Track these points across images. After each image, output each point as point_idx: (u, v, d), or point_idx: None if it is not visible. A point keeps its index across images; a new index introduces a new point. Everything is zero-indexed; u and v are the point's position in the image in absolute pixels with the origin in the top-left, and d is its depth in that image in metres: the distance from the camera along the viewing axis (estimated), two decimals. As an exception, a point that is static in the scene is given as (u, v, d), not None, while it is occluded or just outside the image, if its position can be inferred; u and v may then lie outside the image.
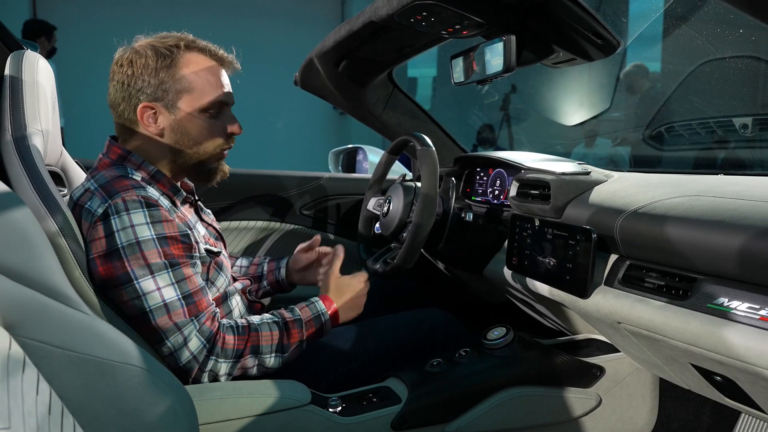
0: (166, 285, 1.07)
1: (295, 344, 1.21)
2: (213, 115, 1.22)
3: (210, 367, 1.11)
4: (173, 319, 1.07)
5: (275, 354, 1.18)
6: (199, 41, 1.21)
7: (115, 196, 1.08)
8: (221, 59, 1.23)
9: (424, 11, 1.11)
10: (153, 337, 1.07)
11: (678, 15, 4.03)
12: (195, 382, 1.11)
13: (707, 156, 3.22)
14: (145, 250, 1.06)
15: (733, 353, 0.86)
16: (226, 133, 1.25)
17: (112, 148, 1.21)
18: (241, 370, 1.15)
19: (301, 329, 1.21)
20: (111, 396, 0.74)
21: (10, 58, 1.18)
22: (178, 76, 1.16)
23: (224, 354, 1.12)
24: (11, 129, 1.08)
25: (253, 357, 1.15)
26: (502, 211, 1.61)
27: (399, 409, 1.17)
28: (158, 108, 1.17)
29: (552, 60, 1.29)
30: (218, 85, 1.21)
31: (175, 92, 1.17)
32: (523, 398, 1.28)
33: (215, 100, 1.20)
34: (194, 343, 1.09)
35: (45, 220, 0.94)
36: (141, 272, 1.05)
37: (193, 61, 1.18)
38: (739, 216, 0.90)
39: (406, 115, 1.92)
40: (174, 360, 1.08)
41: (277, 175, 2.10)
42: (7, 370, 0.58)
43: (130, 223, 1.06)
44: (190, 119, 1.19)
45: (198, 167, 1.26)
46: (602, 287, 1.13)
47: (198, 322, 1.10)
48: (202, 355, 1.09)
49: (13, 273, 0.71)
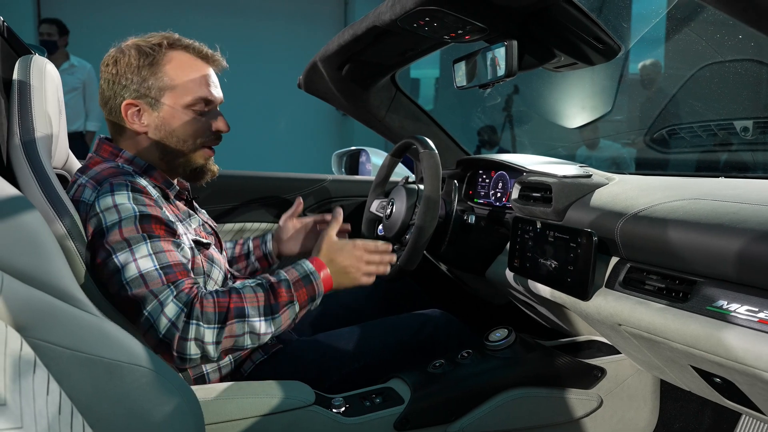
0: (143, 256, 1.04)
1: (285, 305, 1.11)
2: (198, 112, 1.23)
3: (192, 333, 1.01)
4: (149, 287, 1.02)
5: (264, 317, 1.08)
6: (184, 39, 1.23)
7: (104, 182, 1.10)
8: (206, 57, 1.25)
9: (427, 16, 1.13)
10: (132, 311, 1.03)
11: (679, 18, 4.04)
12: (180, 354, 1.01)
13: (708, 159, 3.22)
14: (124, 226, 1.05)
15: (732, 355, 0.87)
16: (212, 130, 1.26)
17: (103, 146, 1.23)
18: (230, 339, 1.05)
19: (288, 289, 1.12)
20: (119, 396, 0.76)
21: (19, 63, 1.19)
22: (161, 73, 1.18)
23: (206, 318, 1.03)
24: (20, 133, 1.10)
25: (240, 321, 1.05)
26: (504, 214, 1.62)
27: (402, 410, 1.19)
28: (142, 105, 1.19)
29: (553, 64, 1.30)
30: (201, 82, 1.22)
31: (157, 89, 1.19)
32: (525, 399, 1.29)
33: (198, 97, 1.21)
34: (171, 308, 1.01)
35: (53, 223, 0.95)
36: (119, 246, 1.04)
37: (175, 59, 1.20)
38: (738, 219, 0.91)
39: (409, 117, 1.93)
40: (154, 332, 1.01)
41: (280, 177, 2.11)
42: (19, 371, 0.60)
43: (113, 203, 1.06)
44: (173, 116, 1.21)
45: (185, 165, 1.26)
46: (603, 289, 1.14)
47: (176, 288, 1.03)
48: (181, 320, 1.01)
49: (23, 275, 0.72)
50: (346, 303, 1.70)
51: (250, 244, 1.61)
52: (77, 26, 6.47)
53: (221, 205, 1.98)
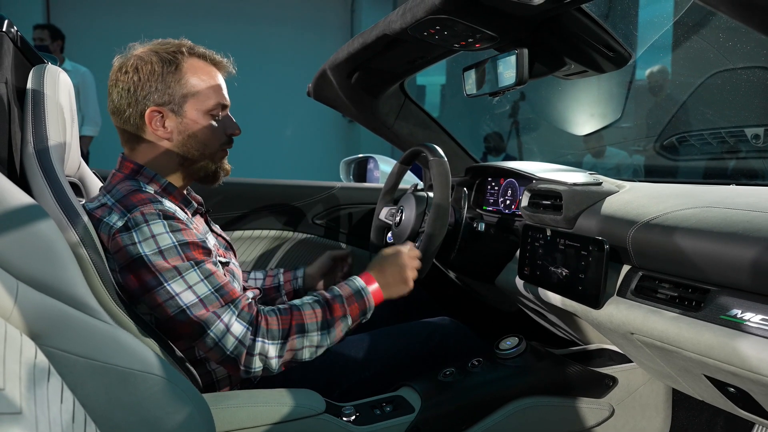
0: (196, 282, 1.09)
1: (340, 319, 1.18)
2: (215, 117, 1.26)
3: (258, 350, 1.09)
4: (211, 309, 1.08)
5: (321, 331, 1.15)
6: (198, 47, 1.26)
7: (133, 210, 1.10)
8: (218, 64, 1.28)
9: (437, 25, 1.13)
10: (194, 333, 1.08)
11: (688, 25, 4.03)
12: (246, 368, 1.09)
13: (719, 166, 3.21)
14: (168, 256, 1.08)
15: (746, 365, 0.86)
16: (227, 134, 1.30)
17: (125, 163, 1.24)
18: (291, 353, 1.13)
19: (342, 304, 1.19)
20: (132, 404, 0.76)
21: (32, 72, 1.20)
22: (183, 80, 1.21)
23: (270, 335, 1.11)
24: (33, 141, 1.11)
25: (300, 336, 1.13)
26: (514, 221, 1.61)
27: (412, 419, 1.18)
28: (165, 112, 1.21)
29: (564, 72, 1.30)
30: (218, 88, 1.26)
31: (180, 96, 1.21)
32: (536, 408, 1.29)
33: (217, 102, 1.25)
34: (237, 327, 1.09)
35: (66, 231, 0.96)
36: (169, 275, 1.08)
37: (195, 66, 1.23)
38: (752, 228, 0.91)
39: (418, 125, 1.94)
40: (220, 350, 1.08)
41: (289, 184, 2.12)
42: (34, 379, 0.60)
43: (150, 233, 1.09)
44: (195, 122, 1.23)
45: (204, 168, 1.29)
46: (615, 298, 1.13)
47: (236, 308, 1.10)
48: (247, 338, 1.09)
49: (38, 284, 0.73)
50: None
51: (280, 277, 1.63)
52: (86, 32, 6.55)
53: (231, 212, 1.99)
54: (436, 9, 1.05)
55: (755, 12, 0.57)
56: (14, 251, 0.71)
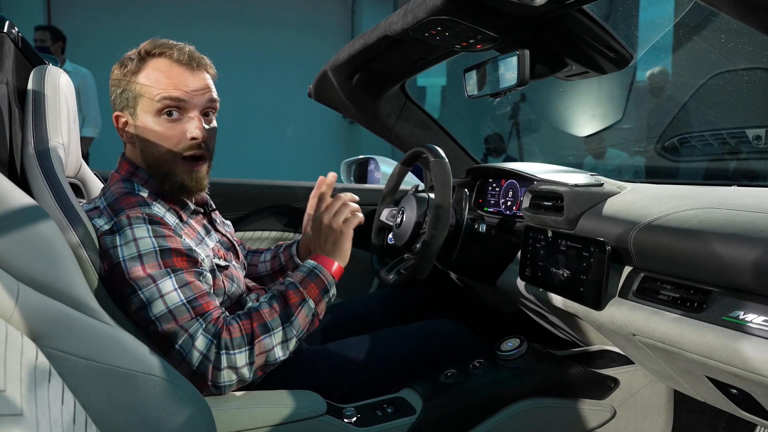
0: (169, 291, 1.05)
1: (299, 305, 1.14)
2: (170, 120, 1.17)
3: (225, 363, 1.05)
4: (179, 322, 1.05)
5: (284, 324, 1.12)
6: (165, 46, 1.18)
7: (120, 213, 1.09)
8: (184, 62, 1.18)
9: (438, 26, 1.13)
10: (164, 345, 1.05)
11: (689, 26, 4.03)
12: (214, 383, 1.05)
13: (720, 167, 3.21)
14: (146, 262, 1.05)
15: (749, 366, 0.86)
16: (186, 138, 1.18)
17: (123, 163, 1.23)
18: (262, 355, 1.09)
19: (297, 289, 1.16)
20: (133, 406, 0.76)
21: (33, 73, 1.20)
22: (135, 82, 1.17)
23: (235, 344, 1.06)
24: (34, 142, 1.11)
25: (267, 336, 1.09)
26: (515, 222, 1.61)
27: (414, 420, 1.18)
28: (126, 116, 1.20)
29: (565, 73, 1.30)
30: (172, 85, 1.16)
31: (133, 98, 1.18)
32: (538, 410, 1.28)
33: (166, 99, 1.15)
34: (200, 341, 1.04)
35: (67, 232, 0.96)
36: (143, 282, 1.05)
37: (151, 66, 1.17)
38: (754, 229, 0.91)
39: (419, 126, 1.94)
40: (187, 366, 1.04)
41: (290, 185, 2.12)
42: (35, 381, 0.60)
43: (132, 236, 1.07)
44: (146, 123, 1.17)
45: (168, 178, 1.21)
46: (616, 299, 1.13)
47: (204, 321, 1.06)
48: (212, 352, 1.04)
49: (39, 285, 0.73)
50: (355, 312, 1.70)
51: (281, 258, 1.61)
52: (87, 33, 6.55)
53: (231, 213, 1.99)
54: (438, 10, 1.05)
55: (757, 12, 0.57)
56: (15, 252, 0.71)
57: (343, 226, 1.26)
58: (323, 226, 1.26)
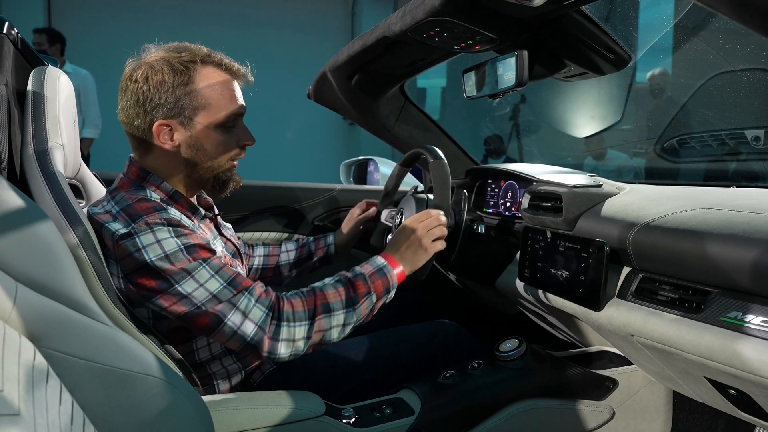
0: (207, 279, 1.07)
1: (364, 296, 1.18)
2: (227, 130, 1.21)
3: (283, 335, 1.09)
4: (226, 300, 1.07)
5: (347, 309, 1.16)
6: (214, 54, 1.20)
7: (138, 220, 1.08)
8: (235, 72, 1.22)
9: (437, 27, 1.13)
10: (211, 325, 1.07)
11: (688, 27, 4.04)
12: (270, 354, 1.09)
13: (719, 168, 3.21)
14: (175, 260, 1.06)
15: (747, 367, 0.86)
16: (240, 144, 1.25)
17: (132, 168, 1.21)
18: (319, 334, 1.13)
19: (365, 281, 1.19)
20: (131, 406, 0.76)
21: (33, 74, 1.20)
22: (194, 92, 1.15)
23: (297, 317, 1.11)
24: (33, 143, 1.11)
25: (327, 316, 1.13)
26: (514, 223, 1.61)
27: (412, 421, 1.18)
28: (174, 125, 1.16)
29: (563, 74, 1.30)
30: (232, 98, 1.20)
31: (191, 109, 1.16)
32: (536, 410, 1.28)
33: (230, 114, 1.19)
34: (255, 313, 1.09)
35: (66, 233, 0.96)
36: (179, 277, 1.06)
37: (208, 76, 1.17)
38: (752, 229, 0.91)
39: (418, 127, 1.94)
40: (240, 338, 1.07)
41: (290, 186, 2.12)
42: (32, 381, 0.60)
43: (155, 239, 1.06)
44: (206, 135, 1.18)
45: (212, 180, 1.25)
46: (615, 300, 1.13)
47: (251, 295, 1.10)
48: (268, 323, 1.09)
49: (37, 285, 0.73)
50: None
51: (311, 246, 1.67)
52: (87, 35, 6.56)
53: (232, 214, 1.99)
54: (436, 11, 1.05)
55: (755, 13, 0.58)
56: (13, 253, 0.71)
57: (430, 245, 1.30)
58: (413, 234, 1.29)
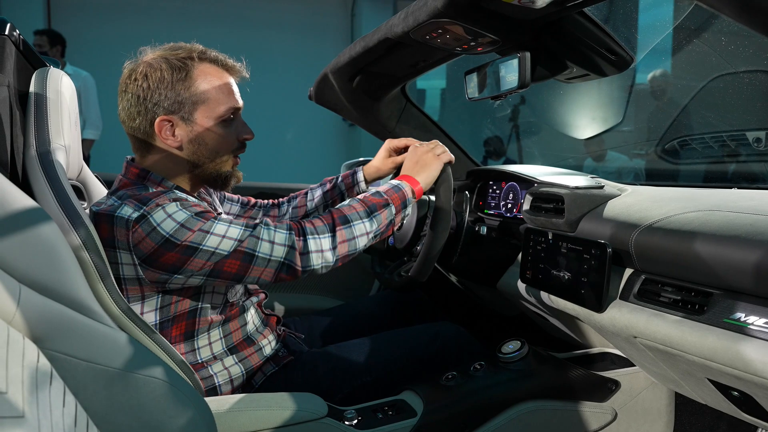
0: (226, 230, 1.12)
1: (382, 206, 1.25)
2: (227, 124, 1.23)
3: (312, 247, 1.16)
4: (249, 238, 1.12)
5: (366, 218, 1.22)
6: (209, 51, 1.23)
7: (148, 203, 1.10)
8: (230, 68, 1.25)
9: (439, 29, 1.13)
10: (243, 266, 1.12)
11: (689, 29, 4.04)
12: (305, 268, 1.15)
13: (721, 170, 3.21)
14: (191, 226, 1.09)
15: (750, 368, 0.86)
16: (240, 139, 1.27)
17: (130, 168, 1.23)
18: (344, 244, 1.19)
19: (381, 196, 1.26)
20: (134, 408, 0.76)
21: (35, 76, 1.20)
22: (193, 87, 1.18)
23: (319, 230, 1.18)
24: (35, 144, 1.11)
25: (347, 226, 1.20)
26: (516, 225, 1.61)
27: (415, 423, 1.18)
28: (175, 121, 1.18)
29: (565, 75, 1.30)
30: (230, 93, 1.23)
31: (191, 104, 1.18)
32: (539, 412, 1.28)
33: (228, 108, 1.22)
34: (279, 236, 1.15)
35: (68, 234, 0.96)
36: (199, 238, 1.09)
37: (205, 72, 1.20)
38: (755, 231, 0.91)
39: (419, 128, 1.94)
40: (275, 263, 1.14)
41: (292, 188, 2.12)
42: (36, 383, 0.60)
43: (166, 214, 1.09)
44: (206, 129, 1.21)
45: (215, 175, 1.28)
46: (617, 301, 1.13)
47: (267, 225, 1.16)
48: (294, 240, 1.15)
49: (40, 287, 0.73)
50: (356, 314, 1.70)
51: (341, 186, 1.64)
52: (87, 36, 6.56)
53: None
54: (438, 12, 1.05)
55: (758, 14, 0.57)
56: (17, 254, 0.71)
57: (438, 156, 1.38)
58: (420, 152, 1.38)
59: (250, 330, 1.33)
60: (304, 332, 1.60)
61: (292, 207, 1.67)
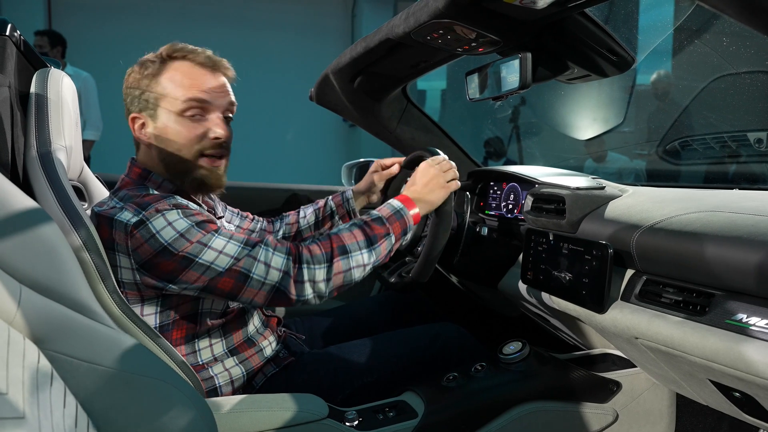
0: (224, 245, 1.10)
1: (383, 237, 1.22)
2: (193, 119, 1.20)
3: (306, 276, 1.13)
4: (246, 257, 1.10)
5: (364, 249, 1.20)
6: (186, 48, 1.21)
7: (148, 207, 1.10)
8: (207, 64, 1.22)
9: (440, 29, 1.13)
10: (237, 284, 1.10)
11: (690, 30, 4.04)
12: (298, 296, 1.13)
13: (722, 170, 3.21)
14: (190, 236, 1.08)
15: (752, 369, 0.86)
16: (209, 137, 1.22)
17: (134, 168, 1.24)
18: (339, 275, 1.16)
19: (383, 224, 1.24)
20: (134, 409, 0.75)
21: (36, 76, 1.20)
22: (157, 83, 1.20)
23: (315, 260, 1.15)
24: (36, 145, 1.11)
25: (345, 257, 1.17)
26: (517, 225, 1.61)
27: (416, 424, 1.18)
28: (144, 118, 1.21)
29: (567, 76, 1.30)
30: (192, 86, 1.19)
31: (154, 99, 1.20)
32: (540, 413, 1.28)
33: (189, 99, 1.18)
34: (277, 260, 1.12)
35: (69, 235, 0.96)
36: (197, 250, 1.08)
37: (174, 69, 1.20)
38: (757, 232, 0.90)
39: (420, 129, 1.94)
40: (269, 286, 1.11)
41: (292, 188, 2.12)
42: (37, 384, 0.60)
43: (167, 221, 1.08)
44: (168, 124, 1.20)
45: (186, 177, 1.23)
46: (619, 302, 1.13)
47: (267, 246, 1.13)
48: (291, 266, 1.12)
49: (41, 287, 0.73)
50: (357, 315, 1.70)
51: (332, 204, 1.66)
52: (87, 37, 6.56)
53: None
54: (440, 13, 1.05)
55: (759, 14, 0.57)
56: (18, 255, 0.71)
57: (446, 184, 1.37)
58: (432, 174, 1.35)
59: (251, 331, 1.33)
60: (304, 333, 1.60)
61: (285, 224, 1.68)
